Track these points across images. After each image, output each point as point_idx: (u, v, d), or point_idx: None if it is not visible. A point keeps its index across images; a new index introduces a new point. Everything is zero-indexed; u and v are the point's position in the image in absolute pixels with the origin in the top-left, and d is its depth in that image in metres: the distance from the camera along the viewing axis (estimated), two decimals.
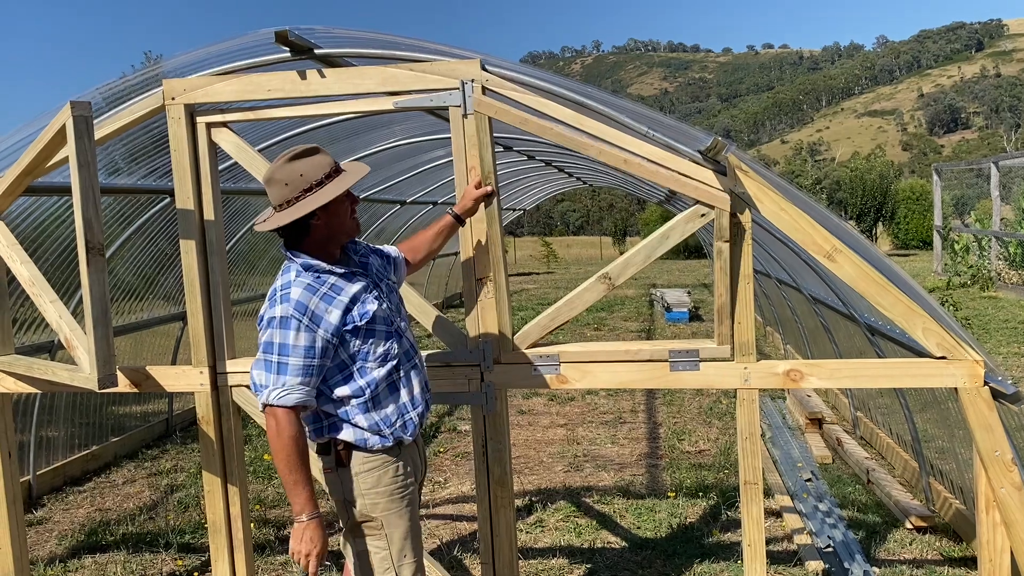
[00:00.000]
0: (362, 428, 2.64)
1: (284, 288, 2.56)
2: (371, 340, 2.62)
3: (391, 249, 3.05)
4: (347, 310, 2.58)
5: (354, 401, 2.63)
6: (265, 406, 2.54)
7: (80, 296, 5.74)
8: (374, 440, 2.65)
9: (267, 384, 2.52)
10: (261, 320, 2.59)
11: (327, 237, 2.65)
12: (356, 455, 2.66)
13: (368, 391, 2.63)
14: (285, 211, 2.59)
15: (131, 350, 7.00)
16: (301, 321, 2.51)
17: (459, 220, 3.15)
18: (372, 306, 2.63)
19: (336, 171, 2.64)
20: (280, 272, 2.65)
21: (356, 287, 2.64)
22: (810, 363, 3.17)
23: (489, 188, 3.15)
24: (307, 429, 2.66)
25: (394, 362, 2.68)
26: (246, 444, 5.89)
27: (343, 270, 2.65)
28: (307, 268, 2.61)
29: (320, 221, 2.60)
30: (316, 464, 2.80)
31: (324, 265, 2.62)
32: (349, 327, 2.58)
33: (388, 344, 2.66)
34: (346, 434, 2.65)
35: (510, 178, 13.14)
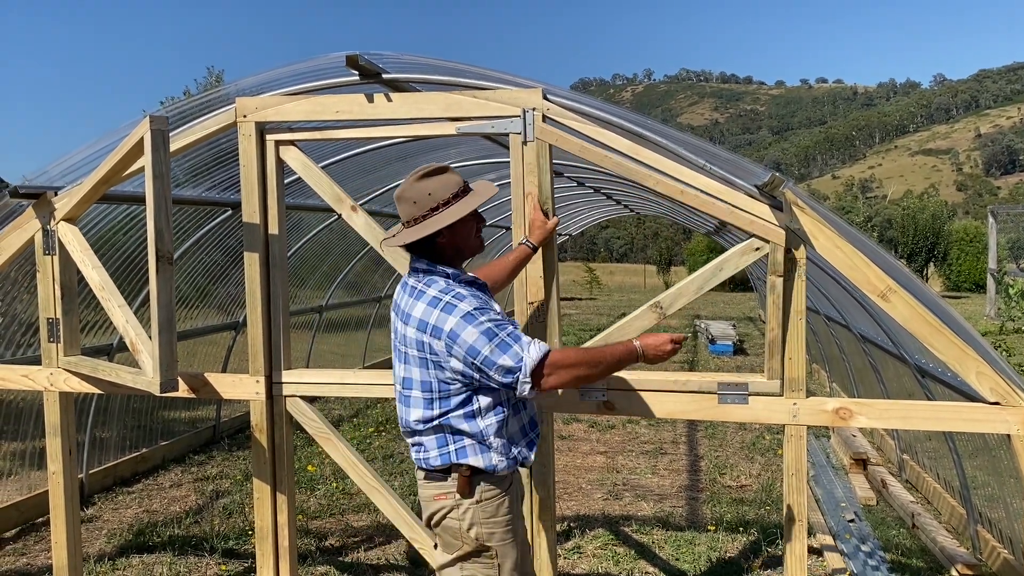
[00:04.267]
0: (494, 450, 2.58)
1: (448, 291, 2.52)
2: None
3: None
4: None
5: (493, 419, 2.56)
6: (538, 365, 2.43)
7: (137, 303, 5.95)
8: (503, 464, 2.59)
9: (519, 355, 2.42)
10: (429, 328, 2.48)
11: (453, 255, 2.65)
12: (480, 483, 2.59)
13: (504, 409, 2.58)
14: (412, 228, 2.60)
15: (184, 357, 7.17)
16: (483, 309, 2.49)
17: (534, 249, 3.18)
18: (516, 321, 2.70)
19: (464, 190, 2.64)
20: (421, 282, 2.59)
21: (495, 303, 2.66)
22: (860, 402, 3.16)
23: (556, 219, 3.21)
24: (425, 453, 2.60)
25: None
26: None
27: (482, 282, 2.69)
28: (455, 277, 2.60)
29: (445, 240, 2.60)
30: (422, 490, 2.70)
31: (468, 276, 2.65)
32: None
33: None
34: (475, 459, 2.57)
35: (558, 203, 13.18)
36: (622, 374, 3.39)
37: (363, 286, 11.14)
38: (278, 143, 3.51)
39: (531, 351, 2.44)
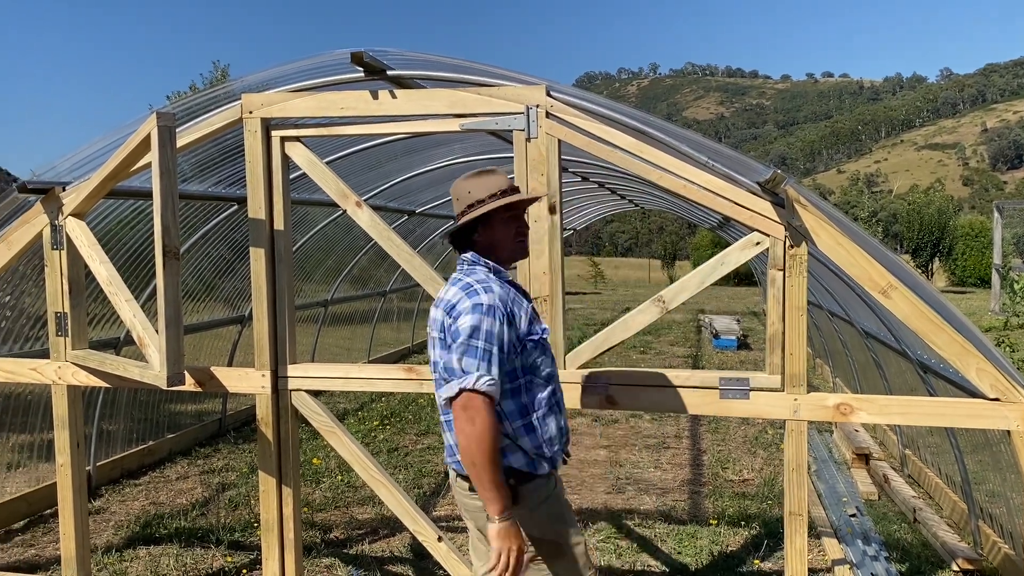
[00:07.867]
0: (527, 451, 2.57)
1: (483, 281, 2.53)
2: (543, 357, 2.63)
3: None
4: (532, 320, 2.61)
5: (519, 421, 2.57)
6: (464, 391, 2.40)
7: (144, 296, 5.99)
8: (544, 465, 2.60)
9: (474, 370, 2.40)
10: (452, 308, 2.50)
11: (487, 253, 2.64)
12: (530, 485, 2.57)
13: (535, 410, 2.58)
14: (455, 224, 2.66)
15: (191, 351, 7.22)
16: (505, 314, 2.48)
17: None
18: (545, 325, 2.70)
19: (506, 192, 2.62)
20: (462, 270, 2.63)
21: (528, 305, 2.67)
22: (860, 398, 3.18)
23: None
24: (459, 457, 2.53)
25: (553, 384, 2.67)
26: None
27: (519, 285, 2.72)
28: (496, 272, 2.62)
29: (481, 237, 2.63)
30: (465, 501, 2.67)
31: (507, 275, 2.67)
32: (535, 337, 2.59)
33: (553, 367, 2.68)
34: (515, 460, 2.56)
35: (563, 198, 13.23)
36: (625, 369, 3.43)
37: (368, 280, 11.19)
38: (283, 139, 3.54)
39: (481, 380, 2.39)
